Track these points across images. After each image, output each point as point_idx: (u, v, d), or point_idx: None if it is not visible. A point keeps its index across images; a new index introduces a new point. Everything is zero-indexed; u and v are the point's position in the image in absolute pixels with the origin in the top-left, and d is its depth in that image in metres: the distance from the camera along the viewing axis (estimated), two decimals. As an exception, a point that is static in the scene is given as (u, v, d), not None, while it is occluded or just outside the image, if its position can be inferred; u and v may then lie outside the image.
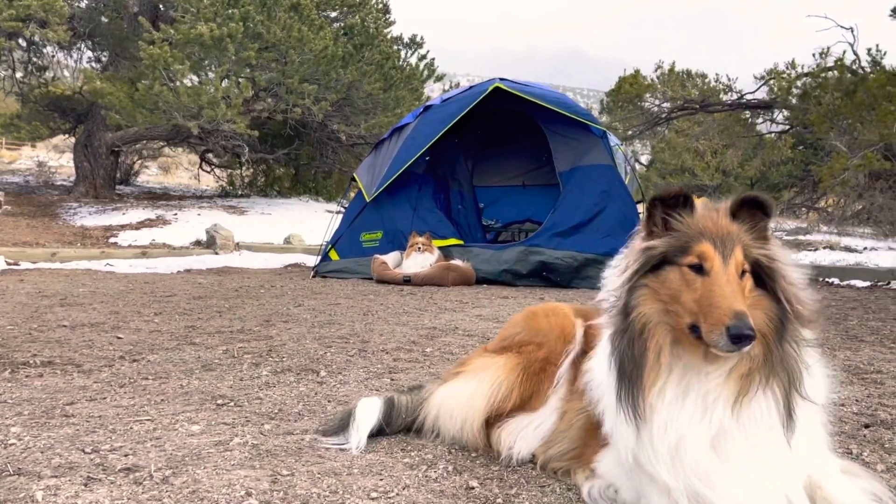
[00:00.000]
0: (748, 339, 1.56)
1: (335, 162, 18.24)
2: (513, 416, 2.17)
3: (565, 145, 8.69)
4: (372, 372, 3.37)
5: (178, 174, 29.12)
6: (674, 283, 1.71)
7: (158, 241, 12.33)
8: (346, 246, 8.90)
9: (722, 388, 1.67)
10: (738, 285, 1.64)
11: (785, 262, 1.78)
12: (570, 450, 1.99)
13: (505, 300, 6.64)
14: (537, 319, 2.30)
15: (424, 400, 2.38)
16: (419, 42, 17.30)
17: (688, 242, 1.73)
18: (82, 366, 3.38)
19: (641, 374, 1.70)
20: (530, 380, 2.17)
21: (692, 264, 1.70)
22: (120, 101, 13.51)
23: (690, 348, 1.68)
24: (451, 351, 3.93)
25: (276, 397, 2.88)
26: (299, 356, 3.71)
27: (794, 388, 1.66)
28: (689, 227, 1.75)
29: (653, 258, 1.76)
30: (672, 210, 1.79)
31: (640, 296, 1.75)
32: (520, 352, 2.25)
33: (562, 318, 2.26)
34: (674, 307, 1.70)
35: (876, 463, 2.14)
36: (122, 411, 2.62)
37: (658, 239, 1.79)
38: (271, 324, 4.80)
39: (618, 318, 1.79)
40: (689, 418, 1.67)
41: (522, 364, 2.20)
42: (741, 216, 1.76)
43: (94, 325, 4.55)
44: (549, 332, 2.23)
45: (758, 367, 1.66)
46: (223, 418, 2.56)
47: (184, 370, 3.33)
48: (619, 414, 1.76)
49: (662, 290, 1.72)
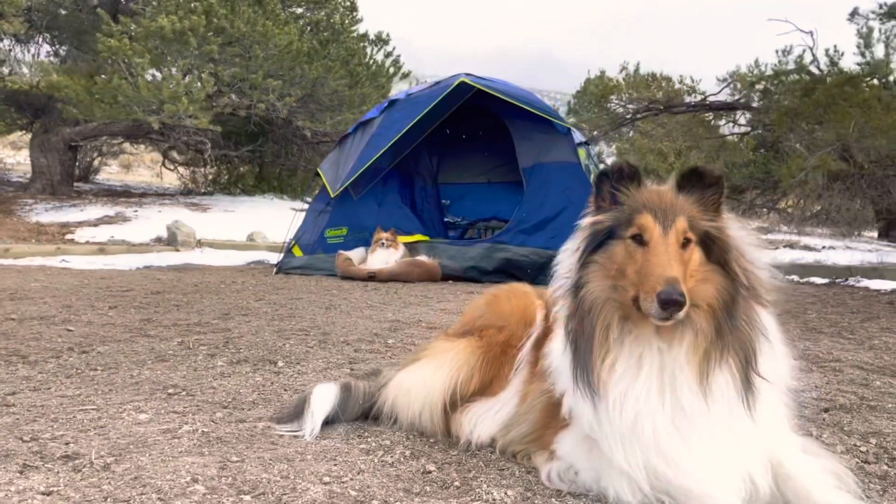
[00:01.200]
0: (676, 305, 1.54)
1: (300, 159, 18.03)
2: (473, 401, 2.12)
3: (529, 141, 8.68)
4: (332, 362, 3.30)
5: (140, 172, 28.60)
6: (619, 256, 1.70)
7: (118, 238, 12.04)
8: (310, 242, 8.77)
9: (677, 364, 1.65)
10: (677, 255, 1.63)
11: (740, 238, 1.77)
12: (529, 432, 1.94)
13: (470, 295, 6.59)
14: (499, 303, 2.26)
15: (382, 386, 2.32)
16: (385, 39, 17.20)
17: (631, 215, 1.72)
18: (28, 357, 3.24)
19: (591, 350, 1.68)
20: (491, 363, 2.13)
21: (633, 235, 1.69)
22: (77, 95, 13.17)
23: (641, 323, 1.66)
24: (413, 342, 3.87)
25: (230, 387, 2.79)
26: (257, 348, 3.61)
27: (750, 365, 1.64)
28: (634, 200, 1.74)
29: (600, 233, 1.75)
30: (619, 184, 1.77)
31: (589, 272, 1.73)
32: (481, 335, 2.20)
33: (524, 299, 2.22)
34: (621, 281, 1.68)
35: (835, 444, 2.14)
36: (67, 401, 2.51)
37: (605, 214, 1.77)
38: (230, 317, 4.69)
39: (570, 297, 1.76)
40: (646, 394, 1.65)
41: (483, 347, 2.16)
42: (689, 189, 1.75)
43: (44, 319, 4.39)
44: (510, 315, 2.19)
45: (711, 343, 1.64)
46: (173, 407, 2.46)
47: (135, 361, 3.22)
48: (575, 392, 1.73)
49: (610, 265, 1.71)
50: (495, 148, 10.65)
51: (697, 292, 1.66)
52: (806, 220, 18.28)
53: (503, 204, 10.85)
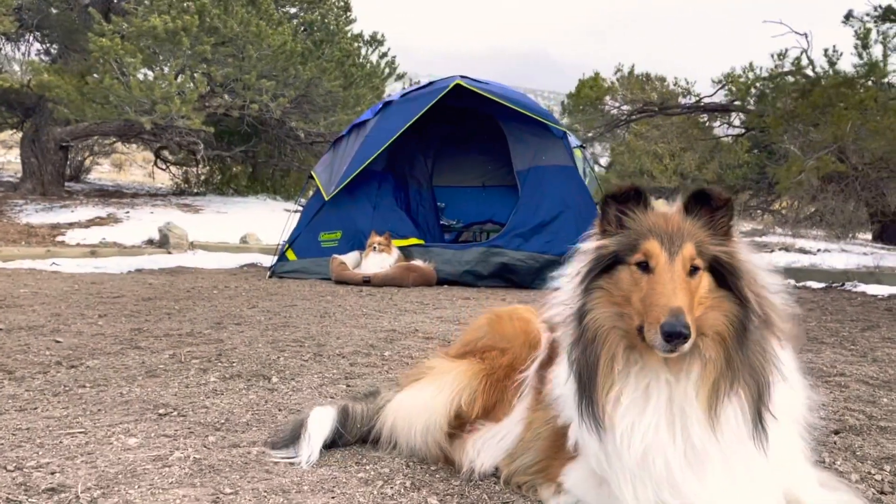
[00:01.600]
0: (681, 337, 1.47)
1: (293, 160, 17.91)
2: (475, 427, 2.04)
3: (524, 144, 8.61)
4: (327, 378, 3.22)
5: (132, 171, 28.40)
6: (625, 283, 1.63)
7: (109, 240, 11.92)
8: (304, 246, 8.68)
9: (686, 396, 1.59)
10: (683, 282, 1.56)
11: (751, 262, 1.70)
12: (535, 462, 1.87)
13: (466, 301, 6.52)
14: (502, 323, 2.18)
15: (381, 408, 2.24)
16: (380, 40, 17.11)
17: (636, 240, 1.65)
18: (14, 372, 3.15)
19: (595, 381, 1.61)
20: (494, 387, 2.05)
21: (639, 262, 1.62)
22: (68, 95, 13.03)
23: (647, 352, 1.60)
24: (410, 355, 3.80)
25: (223, 406, 2.71)
26: (250, 361, 3.53)
27: (762, 397, 1.58)
28: (640, 225, 1.67)
29: (604, 258, 1.68)
30: (625, 207, 1.70)
31: (593, 299, 1.66)
32: (483, 357, 2.13)
33: (526, 322, 2.14)
34: (627, 309, 1.62)
35: (850, 472, 2.07)
36: (54, 423, 2.43)
37: (611, 238, 1.70)
38: (223, 326, 4.61)
39: (573, 324, 1.70)
40: (655, 428, 1.59)
41: (486, 370, 2.08)
42: (696, 212, 1.68)
43: (32, 329, 4.30)
44: (513, 336, 2.12)
45: (721, 374, 1.58)
46: (164, 429, 2.38)
47: (125, 377, 3.14)
48: (581, 425, 1.66)
49: (616, 292, 1.64)
50: (490, 151, 10.58)
51: (706, 320, 1.59)
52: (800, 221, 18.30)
53: (499, 207, 10.78)
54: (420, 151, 10.48)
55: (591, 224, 6.72)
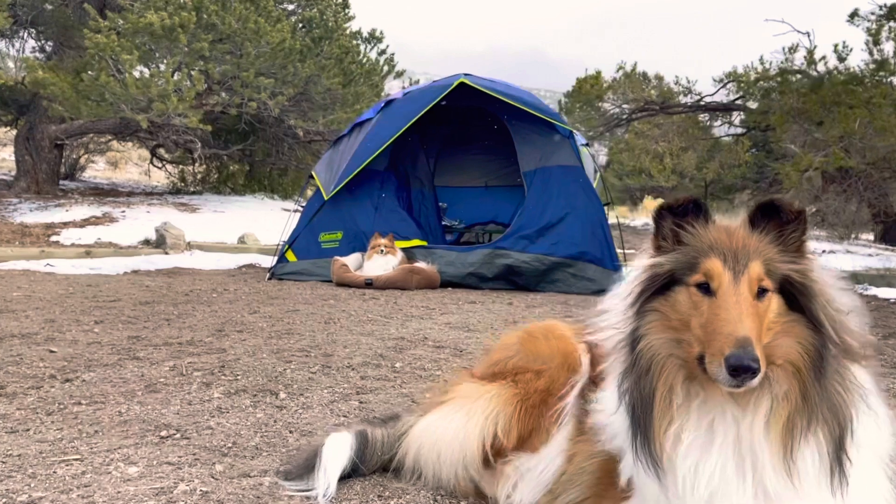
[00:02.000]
0: (749, 372, 1.30)
1: (291, 158, 17.70)
2: (509, 457, 1.87)
3: (530, 144, 8.44)
4: (338, 393, 3.04)
5: (128, 170, 28.16)
6: (682, 306, 1.46)
7: (104, 240, 11.71)
8: (304, 247, 8.49)
9: (756, 435, 1.41)
10: (750, 307, 1.38)
11: (825, 282, 1.53)
12: (581, 500, 1.69)
13: (473, 305, 6.35)
14: (535, 342, 2.00)
15: (403, 434, 2.06)
16: (379, 37, 16.91)
17: (696, 258, 1.47)
18: (6, 388, 2.97)
19: (651, 416, 1.44)
20: (529, 414, 1.88)
21: (699, 283, 1.45)
22: (63, 92, 12.80)
23: (710, 385, 1.42)
24: (422, 366, 3.62)
25: (229, 427, 2.53)
26: (255, 373, 3.35)
27: (844, 436, 1.41)
28: (700, 241, 1.50)
29: (660, 278, 1.50)
30: (683, 221, 1.53)
31: (647, 323, 1.49)
32: (516, 380, 1.95)
33: (563, 341, 1.97)
34: (685, 335, 1.44)
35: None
36: (47, 448, 2.24)
37: (666, 255, 1.53)
38: (224, 334, 4.42)
39: (624, 350, 1.52)
40: (722, 470, 1.41)
41: (520, 395, 1.91)
42: (763, 226, 1.50)
43: (26, 336, 4.11)
44: (549, 357, 1.94)
45: (796, 410, 1.40)
46: (167, 455, 2.20)
47: (123, 392, 2.95)
48: (636, 463, 1.49)
49: (672, 315, 1.47)
50: (493, 151, 10.41)
51: (776, 348, 1.42)
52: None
53: (501, 208, 10.62)
54: (422, 150, 10.30)
55: (598, 225, 6.53)
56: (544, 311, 6.10)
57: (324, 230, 8.48)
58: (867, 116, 11.37)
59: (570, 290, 7.71)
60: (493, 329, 4.97)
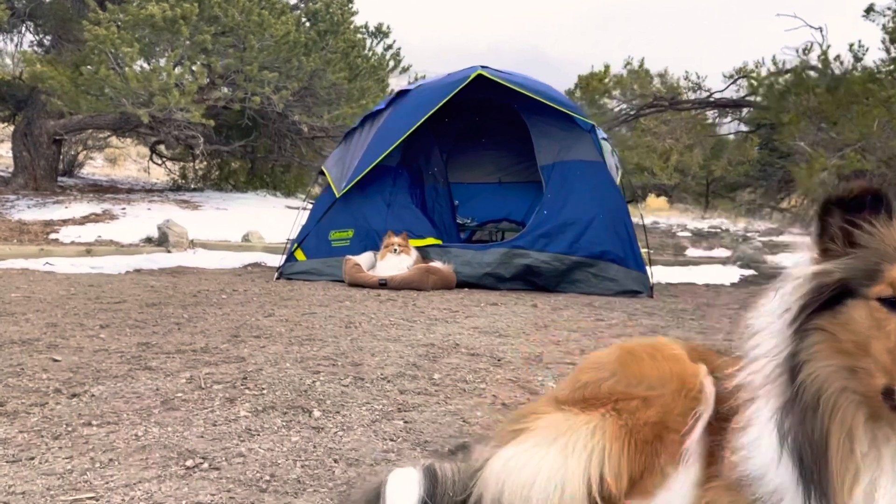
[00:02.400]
0: None
1: (294, 155, 17.35)
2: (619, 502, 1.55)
3: (549, 138, 8.10)
4: (377, 411, 2.72)
5: (127, 166, 27.78)
6: (859, 325, 1.14)
7: (105, 238, 11.37)
8: (314, 245, 8.15)
9: None
10: None
11: None
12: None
13: (496, 308, 6.03)
14: (640, 363, 1.68)
15: (478, 470, 1.74)
16: (385, 31, 16.55)
17: (878, 264, 1.15)
18: (6, 404, 2.65)
19: (826, 467, 1.12)
20: (640, 451, 1.55)
21: (885, 297, 1.13)
22: (62, 86, 12.46)
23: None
24: (463, 378, 3.30)
25: (263, 453, 2.21)
26: (282, 386, 3.03)
27: None
28: (882, 242, 1.18)
29: (827, 289, 1.18)
30: (857, 217, 1.21)
31: (810, 346, 1.17)
32: (618, 408, 1.63)
33: (676, 362, 1.64)
34: (862, 362, 1.13)
35: None
36: (55, 483, 1.92)
37: (835, 260, 1.21)
38: (241, 339, 4.10)
39: (781, 380, 1.21)
40: None
41: (626, 427, 1.58)
42: None
43: (26, 343, 3.79)
44: (660, 383, 1.62)
45: None
46: (196, 492, 1.88)
47: (138, 409, 2.63)
48: None
49: (844, 337, 1.15)
50: (507, 146, 10.09)
51: None
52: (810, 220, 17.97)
53: (515, 205, 10.30)
54: (436, 145, 9.97)
55: (620, 223, 6.09)
56: (572, 314, 5.79)
57: (334, 228, 8.15)
58: (886, 116, 11.07)
59: (591, 290, 7.40)
60: (525, 334, 4.66)
